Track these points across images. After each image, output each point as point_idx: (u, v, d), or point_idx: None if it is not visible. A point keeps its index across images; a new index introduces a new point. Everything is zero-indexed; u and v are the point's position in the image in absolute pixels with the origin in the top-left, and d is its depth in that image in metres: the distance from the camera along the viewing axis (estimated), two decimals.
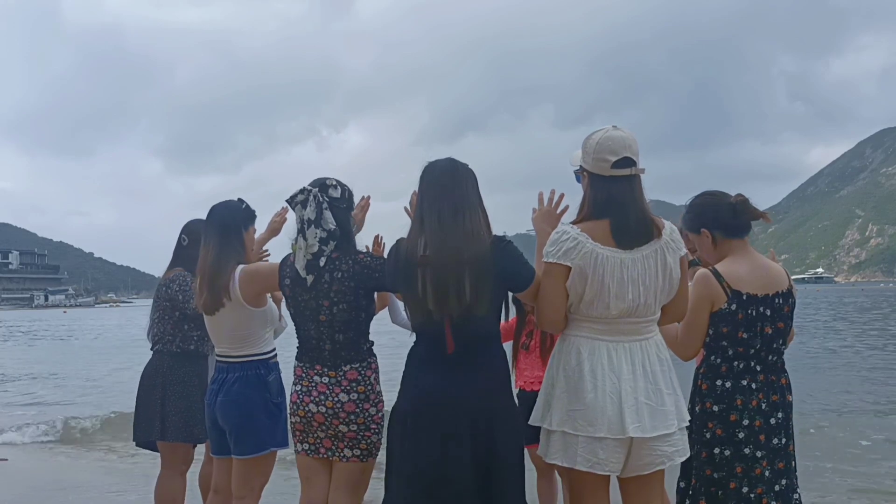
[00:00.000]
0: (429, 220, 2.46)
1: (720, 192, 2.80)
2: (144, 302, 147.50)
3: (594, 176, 2.40)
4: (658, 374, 2.38)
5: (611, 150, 2.36)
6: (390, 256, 2.58)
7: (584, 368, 2.35)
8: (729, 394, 2.62)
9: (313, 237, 2.75)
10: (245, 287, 3.04)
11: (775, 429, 2.63)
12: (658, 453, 2.36)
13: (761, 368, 2.65)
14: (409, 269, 2.45)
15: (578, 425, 2.34)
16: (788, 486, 2.66)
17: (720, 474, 2.61)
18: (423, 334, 2.53)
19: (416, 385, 2.50)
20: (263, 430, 3.09)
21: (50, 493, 5.82)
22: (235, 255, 3.11)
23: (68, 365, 18.33)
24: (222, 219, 3.18)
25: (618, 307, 2.34)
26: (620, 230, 2.34)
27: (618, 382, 2.33)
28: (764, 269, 2.68)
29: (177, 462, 3.86)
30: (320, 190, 2.80)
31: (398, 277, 2.52)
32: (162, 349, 3.83)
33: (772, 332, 2.64)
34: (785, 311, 2.67)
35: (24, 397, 12.84)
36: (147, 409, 3.79)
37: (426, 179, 2.53)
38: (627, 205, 2.36)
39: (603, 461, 2.32)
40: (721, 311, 2.61)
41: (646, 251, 2.36)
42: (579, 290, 2.35)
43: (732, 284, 2.61)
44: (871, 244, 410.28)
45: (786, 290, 2.68)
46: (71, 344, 28.97)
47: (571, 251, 2.33)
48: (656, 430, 2.33)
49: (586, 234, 2.34)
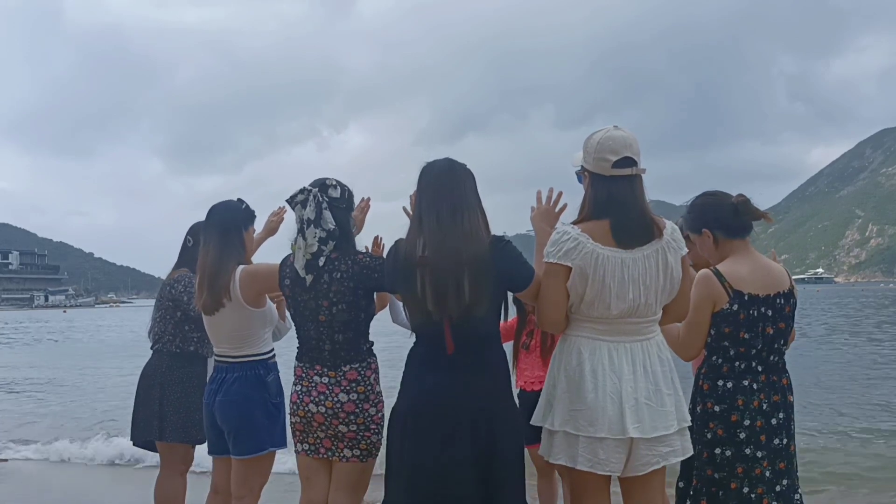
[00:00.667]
0: (427, 220, 2.45)
1: (721, 192, 2.79)
2: (144, 302, 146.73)
3: (595, 176, 2.40)
4: (659, 375, 2.38)
5: (611, 150, 2.35)
6: (389, 257, 2.57)
7: (585, 368, 2.35)
8: (730, 394, 2.62)
9: (312, 237, 2.75)
10: (245, 288, 3.05)
11: (776, 429, 2.63)
12: (657, 453, 2.36)
13: (763, 369, 2.65)
14: (408, 269, 2.44)
15: (579, 425, 2.33)
16: (789, 487, 2.66)
17: (721, 475, 2.60)
18: (422, 335, 2.52)
19: (416, 385, 2.49)
20: (262, 430, 3.09)
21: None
22: (236, 254, 3.11)
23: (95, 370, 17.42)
24: (222, 219, 3.18)
25: (619, 307, 2.33)
26: (621, 230, 2.34)
27: (618, 383, 2.32)
28: (765, 269, 2.68)
29: (176, 462, 3.86)
30: (320, 190, 2.80)
31: (397, 278, 2.51)
32: (161, 349, 3.84)
33: (773, 333, 2.64)
34: (786, 311, 2.67)
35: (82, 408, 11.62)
36: (145, 408, 3.79)
37: (424, 179, 2.52)
38: (628, 204, 2.36)
39: (603, 461, 2.32)
40: (723, 312, 2.61)
41: (646, 251, 2.36)
42: (580, 290, 2.34)
43: (734, 284, 2.60)
44: (871, 244, 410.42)
45: (787, 290, 2.68)
46: (88, 346, 27.95)
47: (572, 251, 2.33)
48: (656, 430, 2.33)
49: (587, 235, 2.33)
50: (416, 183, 2.55)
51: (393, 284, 2.59)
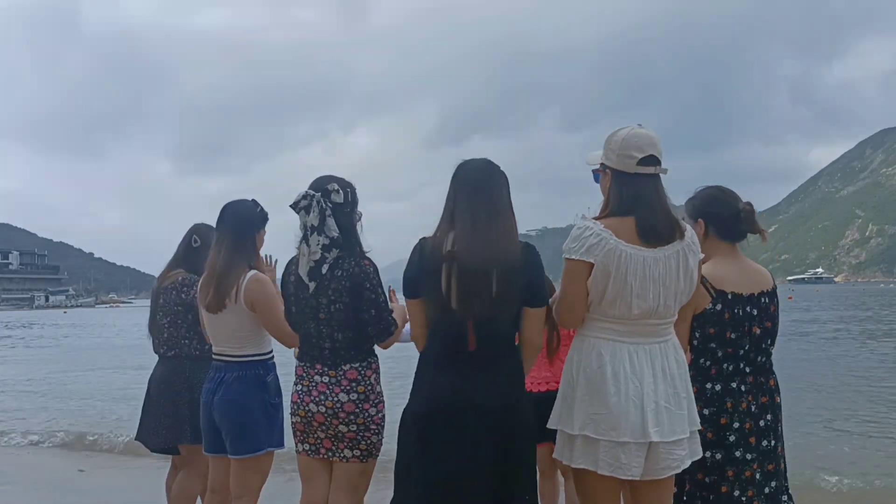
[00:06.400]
0: (461, 218, 2.40)
1: (732, 192, 2.76)
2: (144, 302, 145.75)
3: (618, 172, 2.37)
4: (676, 378, 2.36)
5: (637, 147, 2.35)
6: (414, 254, 2.47)
7: (607, 372, 2.32)
8: (719, 397, 2.59)
9: (316, 244, 2.75)
10: (250, 294, 3.07)
11: (765, 431, 2.61)
12: (674, 457, 2.34)
13: (750, 370, 2.63)
14: (434, 263, 2.37)
15: (601, 429, 2.30)
16: (778, 489, 2.65)
17: (711, 478, 2.58)
18: (439, 332, 2.43)
19: (432, 386, 2.41)
20: (260, 430, 3.10)
21: None
22: (247, 257, 3.14)
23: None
24: (237, 220, 3.18)
25: (640, 307, 2.31)
26: (646, 228, 2.32)
27: (640, 386, 2.30)
28: (748, 269, 2.67)
29: (201, 464, 3.82)
30: (323, 195, 2.78)
31: (420, 274, 2.42)
32: (179, 353, 3.74)
33: (760, 333, 2.62)
34: (772, 310, 2.66)
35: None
36: (173, 414, 3.69)
37: (460, 176, 2.47)
38: (653, 202, 2.35)
39: (625, 465, 2.30)
40: (706, 312, 2.58)
41: (668, 251, 2.34)
42: (601, 287, 2.31)
43: (716, 284, 2.58)
44: (871, 244, 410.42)
45: (771, 289, 2.67)
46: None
47: (595, 247, 2.30)
48: (674, 434, 2.32)
49: (610, 231, 2.31)
50: (451, 179, 2.49)
51: (414, 284, 2.46)
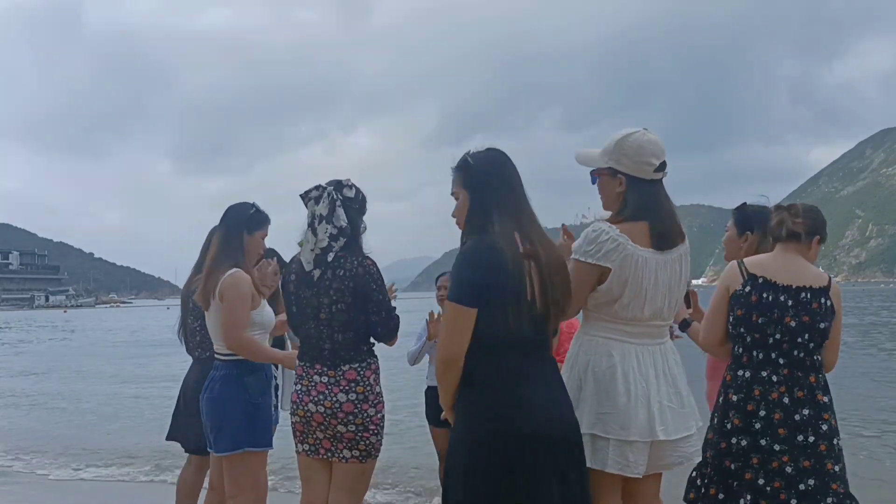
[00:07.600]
0: (514, 213, 2.18)
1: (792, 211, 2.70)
2: (144, 302, 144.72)
3: (634, 179, 2.40)
4: (677, 377, 2.43)
5: (654, 154, 2.39)
6: (481, 256, 2.11)
7: (617, 372, 2.34)
8: (747, 384, 2.59)
9: (324, 232, 2.78)
10: (222, 289, 3.09)
11: (800, 425, 2.54)
12: (679, 454, 2.41)
13: (785, 362, 2.58)
14: (517, 265, 2.09)
15: (609, 428, 2.33)
16: (818, 489, 2.52)
17: (737, 464, 2.58)
18: (509, 342, 2.10)
19: (515, 403, 2.07)
20: (239, 429, 3.10)
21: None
22: (233, 256, 3.17)
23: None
24: (229, 221, 3.26)
25: (650, 309, 2.37)
26: (659, 233, 2.37)
27: (646, 386, 2.35)
28: (797, 265, 2.64)
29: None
30: (335, 188, 2.84)
31: (501, 279, 2.07)
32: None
33: (795, 325, 2.57)
34: (813, 307, 2.59)
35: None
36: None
37: (499, 168, 2.23)
38: (666, 208, 2.42)
39: (633, 463, 2.34)
40: (736, 294, 2.62)
41: (674, 255, 2.41)
42: (616, 292, 2.34)
43: (750, 269, 2.62)
44: (871, 244, 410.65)
45: (819, 287, 2.60)
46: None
47: (612, 252, 2.32)
48: (679, 432, 2.38)
49: (625, 236, 2.34)
50: (472, 173, 2.23)
51: (487, 290, 2.08)
